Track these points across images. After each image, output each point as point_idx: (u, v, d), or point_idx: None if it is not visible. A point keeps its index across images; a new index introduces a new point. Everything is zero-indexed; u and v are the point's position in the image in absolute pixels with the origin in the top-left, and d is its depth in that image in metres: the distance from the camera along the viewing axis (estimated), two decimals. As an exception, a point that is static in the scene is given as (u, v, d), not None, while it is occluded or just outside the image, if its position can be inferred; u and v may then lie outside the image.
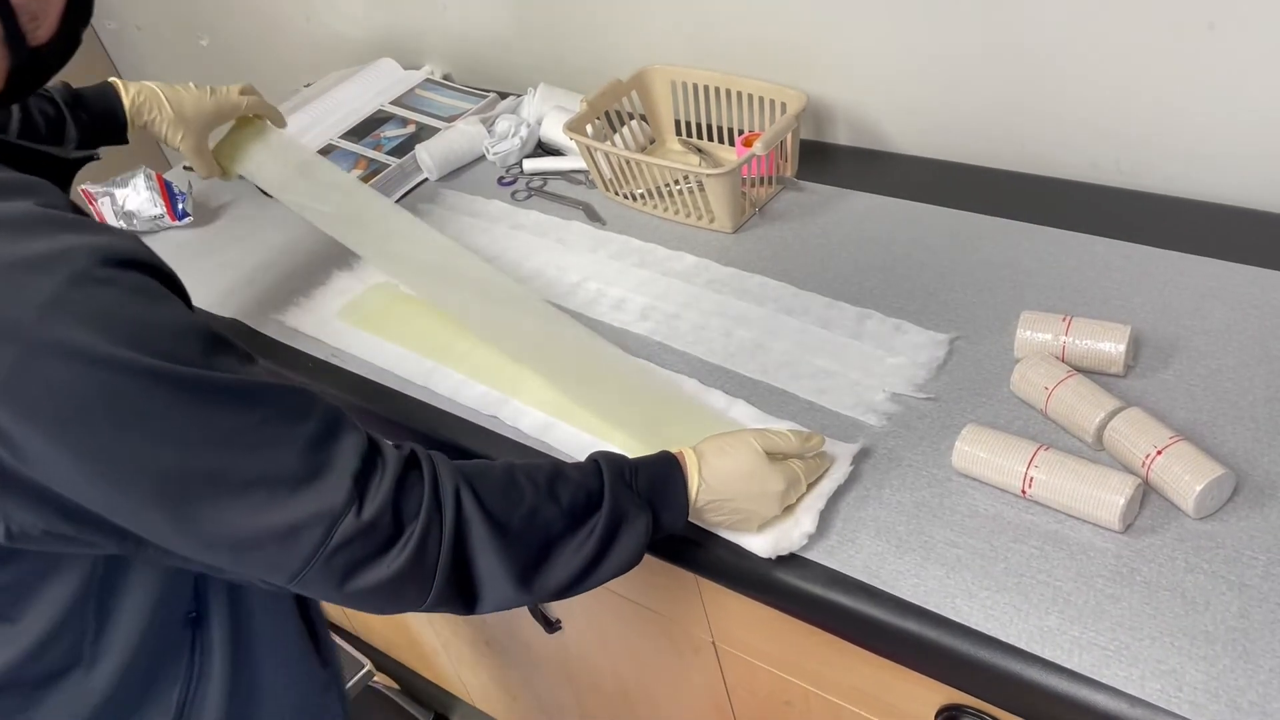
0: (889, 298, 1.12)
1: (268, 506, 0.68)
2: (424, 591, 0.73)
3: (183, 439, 0.66)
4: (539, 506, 0.77)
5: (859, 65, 1.34)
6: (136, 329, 0.65)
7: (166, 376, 0.65)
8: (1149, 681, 0.73)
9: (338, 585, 0.71)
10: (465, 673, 1.72)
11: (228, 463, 0.67)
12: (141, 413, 0.64)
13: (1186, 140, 1.14)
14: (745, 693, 1.13)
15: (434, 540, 0.72)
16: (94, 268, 0.64)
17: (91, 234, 0.67)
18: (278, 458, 0.69)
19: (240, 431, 0.68)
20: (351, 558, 0.70)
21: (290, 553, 0.69)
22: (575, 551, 0.78)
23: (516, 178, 1.50)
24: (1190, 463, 0.82)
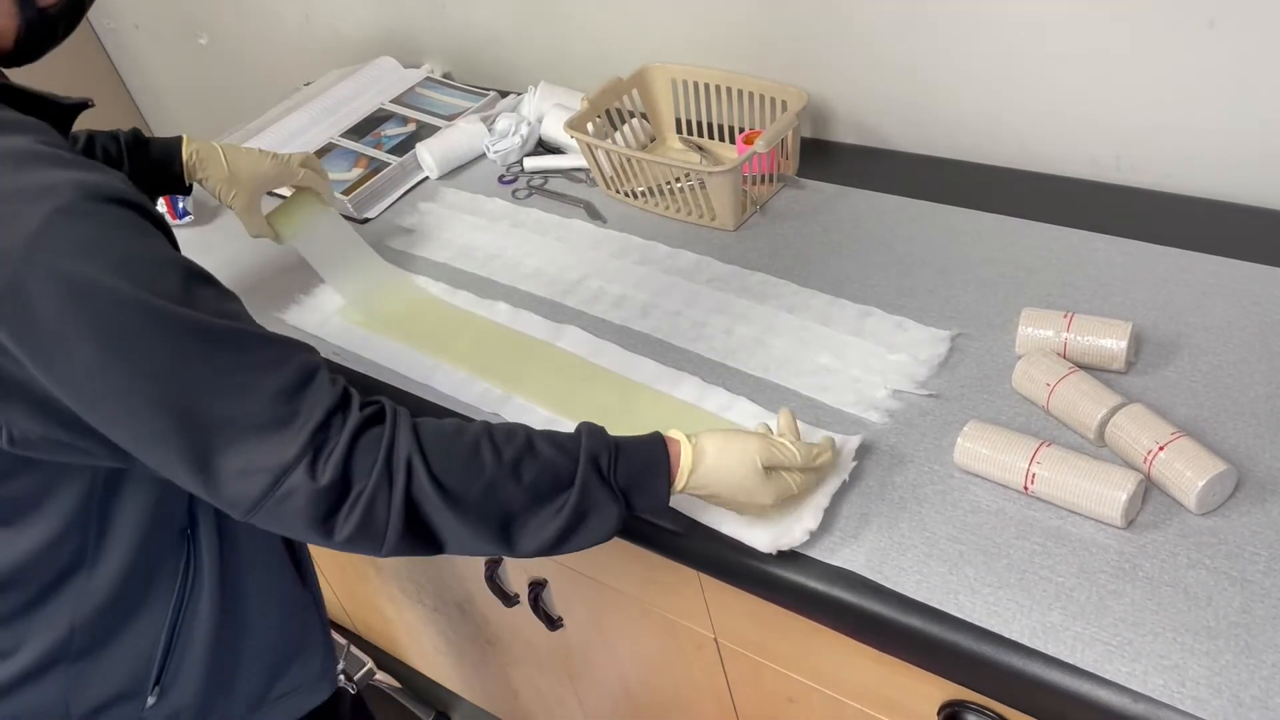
0: (890, 295, 1.12)
1: (227, 447, 0.72)
2: (376, 548, 0.76)
3: (155, 372, 0.70)
4: (498, 482, 0.77)
5: (859, 63, 1.34)
6: (118, 259, 0.69)
7: (145, 307, 0.69)
8: (1151, 677, 0.74)
9: (292, 530, 0.75)
10: (467, 670, 1.72)
11: (195, 400, 0.71)
12: (119, 340, 0.69)
13: (1186, 137, 1.14)
14: (747, 689, 1.13)
15: (382, 506, 0.74)
16: (80, 201, 0.69)
17: (81, 170, 0.71)
18: (243, 404, 0.72)
19: (212, 374, 0.72)
20: (298, 509, 0.73)
21: (242, 492, 0.73)
22: (539, 527, 0.79)
23: (517, 176, 1.51)
24: (1192, 459, 0.82)
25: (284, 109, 1.77)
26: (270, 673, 1.00)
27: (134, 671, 0.91)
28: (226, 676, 0.96)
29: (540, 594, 1.28)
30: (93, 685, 0.89)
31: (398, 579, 1.60)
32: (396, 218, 1.47)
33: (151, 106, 2.74)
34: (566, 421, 1.06)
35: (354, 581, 1.75)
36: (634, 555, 1.03)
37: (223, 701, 0.97)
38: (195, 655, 0.92)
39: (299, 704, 1.03)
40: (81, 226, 0.69)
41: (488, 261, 1.34)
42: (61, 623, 0.86)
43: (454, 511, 0.76)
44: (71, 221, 0.68)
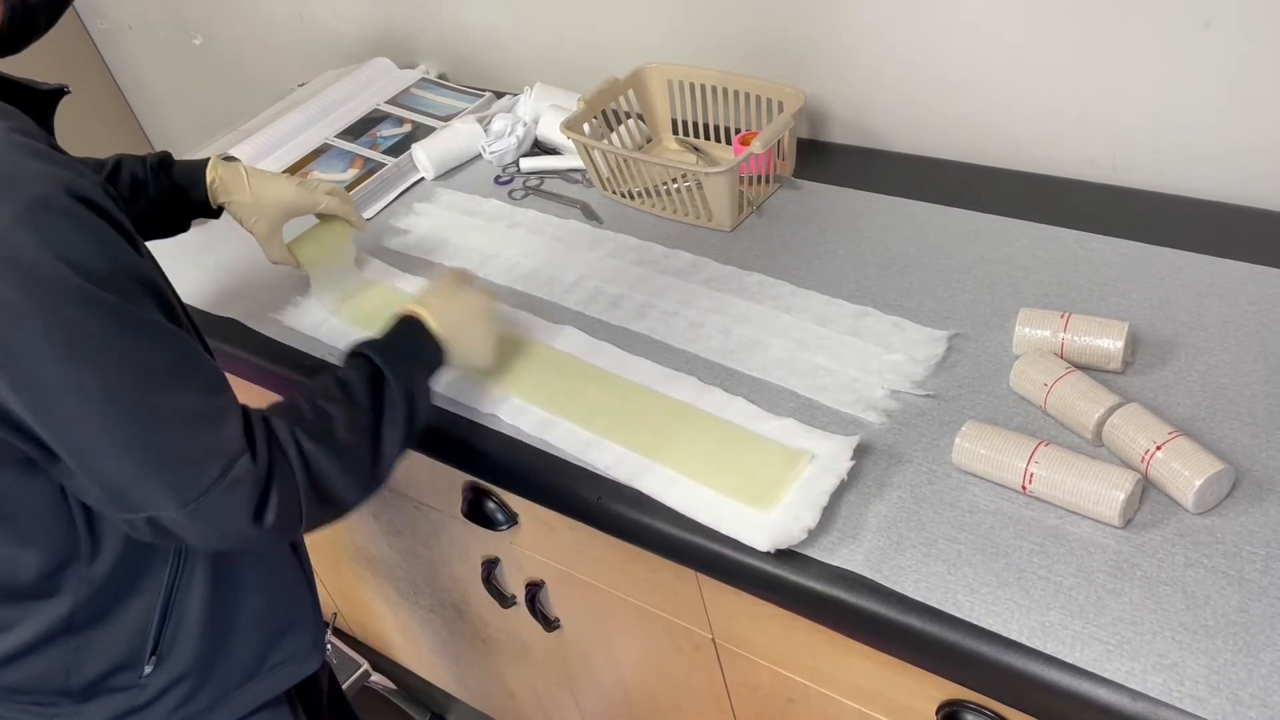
0: (887, 295, 1.12)
1: (178, 436, 0.76)
2: (297, 525, 0.83)
3: (109, 365, 0.73)
4: (353, 416, 0.88)
5: (855, 64, 1.34)
6: (85, 258, 0.71)
7: (102, 305, 0.72)
8: (1150, 675, 0.74)
9: (224, 523, 0.79)
10: (464, 672, 1.72)
11: (146, 393, 0.74)
12: (80, 334, 0.71)
13: (1183, 138, 1.15)
14: (746, 690, 1.13)
15: (293, 483, 0.82)
16: (57, 196, 0.70)
17: (57, 166, 0.72)
18: (187, 396, 0.77)
19: (158, 367, 0.75)
20: (243, 496, 0.78)
21: (190, 482, 0.76)
22: (393, 427, 0.90)
23: (513, 177, 1.50)
24: (1189, 458, 0.83)
25: (279, 110, 1.76)
26: (264, 643, 1.02)
27: (131, 642, 0.93)
28: (222, 647, 0.98)
29: (537, 595, 1.28)
30: (92, 655, 0.92)
31: (394, 581, 1.60)
32: (392, 219, 1.47)
33: (145, 107, 2.74)
34: (565, 423, 1.06)
35: (351, 583, 1.75)
36: (632, 555, 1.03)
37: (219, 671, 0.99)
38: (190, 626, 0.95)
39: (292, 673, 1.05)
40: (55, 224, 0.70)
41: (484, 262, 1.33)
42: (64, 604, 0.89)
43: (339, 462, 0.85)
44: (47, 217, 0.69)
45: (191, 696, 0.98)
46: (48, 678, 0.92)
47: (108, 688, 0.94)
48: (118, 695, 0.95)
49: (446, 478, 1.21)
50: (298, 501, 0.82)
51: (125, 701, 0.95)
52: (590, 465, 1.02)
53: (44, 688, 0.93)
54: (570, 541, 1.14)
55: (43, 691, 0.93)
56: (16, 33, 0.83)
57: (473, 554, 1.33)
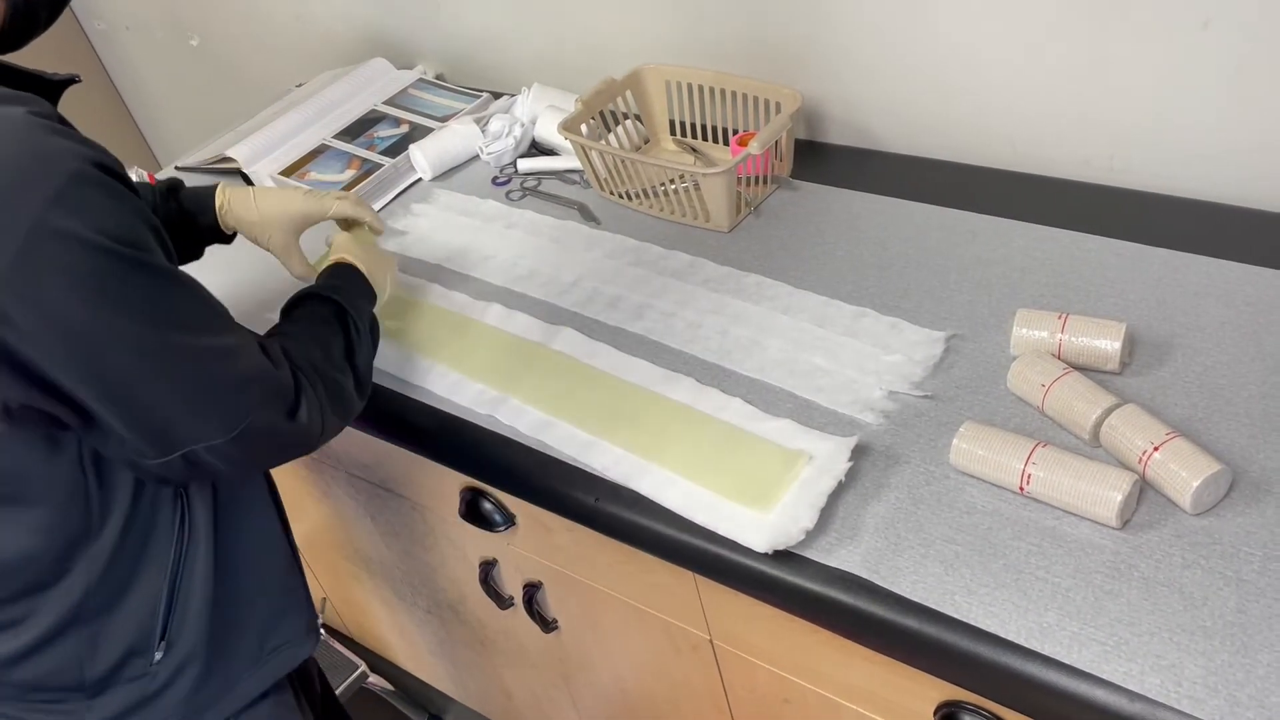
0: (885, 296, 1.12)
1: (222, 368, 0.83)
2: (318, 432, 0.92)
3: (154, 317, 0.79)
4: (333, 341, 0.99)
5: (853, 65, 1.34)
6: (119, 223, 0.77)
7: (141, 263, 0.78)
8: (1148, 676, 0.74)
9: (266, 434, 0.86)
10: (461, 673, 1.72)
11: (186, 336, 0.81)
12: (125, 291, 0.77)
13: (1180, 138, 1.15)
14: (743, 691, 1.13)
15: (312, 391, 0.91)
16: (89, 169, 0.76)
17: (80, 142, 0.78)
18: (219, 333, 0.84)
19: (193, 311, 0.83)
20: (276, 413, 0.87)
21: (234, 408, 0.84)
22: (363, 348, 1.02)
23: (511, 177, 1.50)
24: (1186, 459, 0.83)
25: (276, 110, 1.76)
26: (265, 626, 1.04)
27: (141, 626, 0.94)
28: (226, 630, 1.00)
29: (535, 596, 1.27)
30: (105, 644, 0.93)
31: (391, 582, 1.60)
32: (390, 219, 1.47)
33: (142, 108, 2.73)
34: (563, 424, 1.06)
35: (348, 584, 1.75)
36: (629, 556, 1.03)
37: (225, 656, 1.00)
38: (196, 608, 0.97)
39: (290, 657, 1.06)
40: (91, 194, 0.75)
41: (481, 263, 1.33)
42: (76, 589, 0.90)
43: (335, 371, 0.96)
44: (84, 189, 0.75)
45: (201, 684, 0.99)
46: (62, 672, 0.93)
47: (119, 679, 0.95)
48: (129, 686, 0.95)
49: (444, 479, 1.21)
50: (320, 405, 0.91)
51: (136, 692, 0.96)
52: (588, 466, 1.02)
53: (58, 683, 0.93)
54: (568, 542, 1.14)
55: (56, 688, 0.94)
56: (18, 29, 0.85)
57: (470, 555, 1.33)
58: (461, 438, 1.10)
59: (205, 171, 1.70)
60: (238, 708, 1.02)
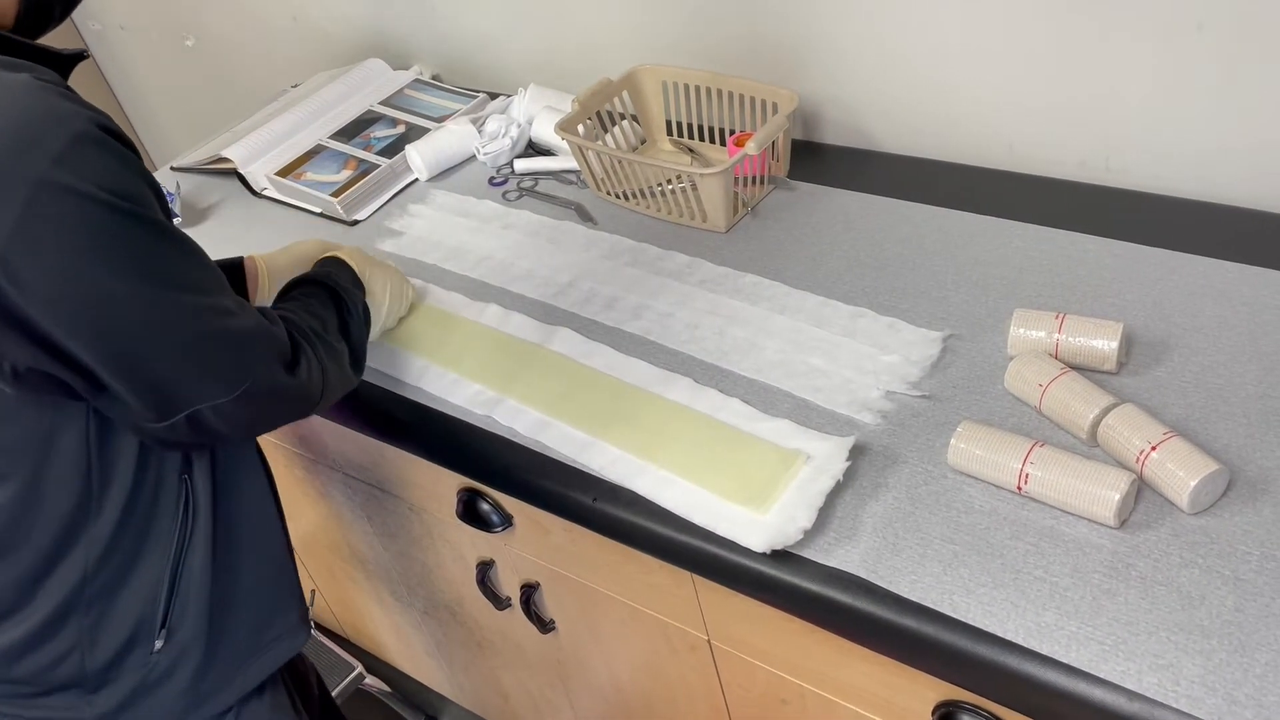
0: (882, 296, 1.12)
1: (219, 324, 0.84)
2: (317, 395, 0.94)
3: (160, 275, 0.80)
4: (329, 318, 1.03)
5: (849, 65, 1.34)
6: (122, 182, 0.78)
7: (146, 220, 0.79)
8: (1146, 676, 0.74)
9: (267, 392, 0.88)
10: (458, 674, 1.71)
11: (191, 295, 0.82)
12: (127, 245, 0.78)
13: (1175, 139, 1.15)
14: (741, 691, 1.13)
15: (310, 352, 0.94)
16: (93, 129, 0.77)
17: (84, 106, 0.79)
18: (220, 294, 0.86)
19: (193, 269, 0.84)
20: (279, 369, 0.89)
21: (238, 365, 0.86)
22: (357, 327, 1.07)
23: (507, 178, 1.50)
24: (1184, 458, 0.83)
25: (272, 111, 1.76)
26: (262, 616, 1.04)
27: (142, 614, 0.95)
28: (226, 617, 1.00)
29: (532, 596, 1.27)
30: (105, 633, 0.93)
31: (388, 583, 1.60)
32: (386, 220, 1.47)
33: (138, 109, 2.73)
34: (560, 424, 1.06)
35: (345, 585, 1.74)
36: (627, 557, 1.03)
37: (224, 646, 1.00)
38: (196, 596, 0.97)
39: (284, 649, 1.07)
40: (96, 154, 0.76)
41: (478, 264, 1.33)
42: (75, 572, 0.90)
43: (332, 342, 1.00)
44: (89, 148, 0.76)
45: (202, 674, 0.99)
46: (62, 664, 0.93)
47: (120, 670, 0.95)
48: (129, 677, 0.96)
49: (441, 479, 1.21)
50: (319, 364, 0.94)
51: (137, 683, 0.96)
52: (585, 466, 1.02)
53: (59, 679, 0.93)
54: (565, 543, 1.14)
55: (57, 685, 0.94)
56: (31, 21, 0.87)
57: (467, 556, 1.33)
58: (458, 438, 1.10)
59: (201, 172, 1.69)
60: (236, 699, 1.02)
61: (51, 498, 0.87)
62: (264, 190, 1.61)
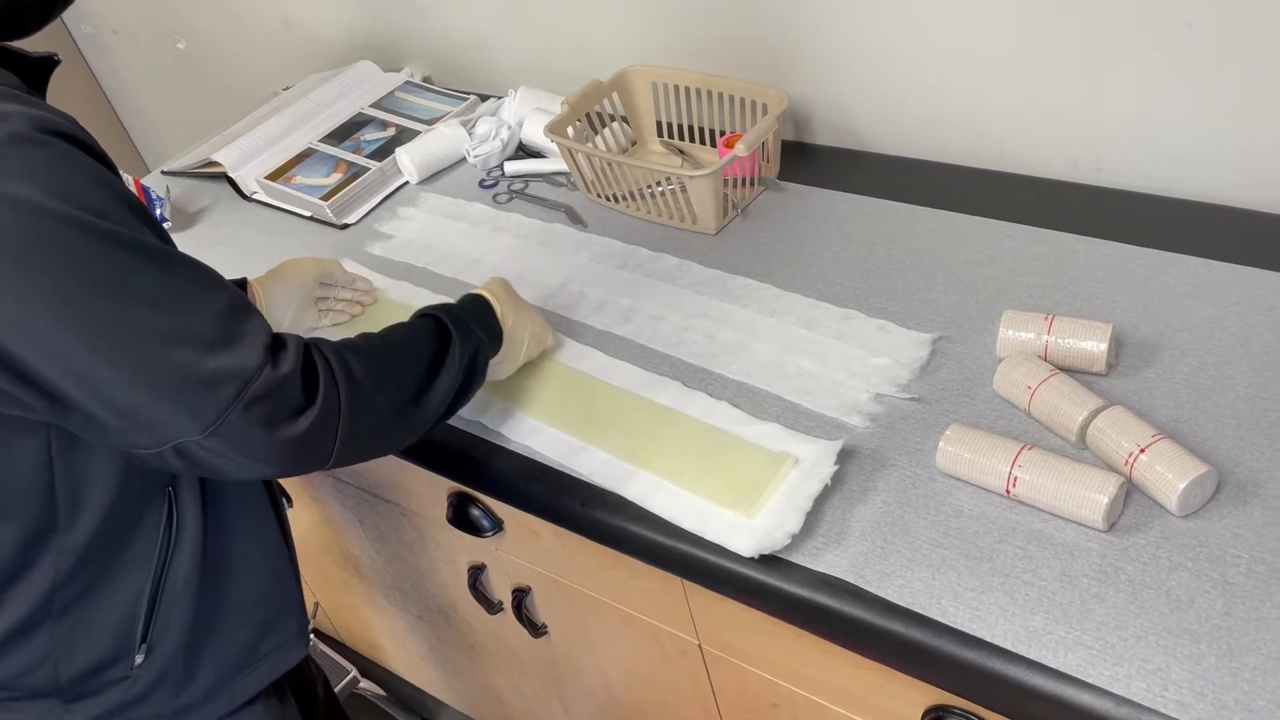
0: (872, 298, 1.12)
1: (189, 358, 0.74)
2: (328, 450, 0.82)
3: (110, 288, 0.71)
4: (407, 357, 0.90)
5: (839, 66, 1.34)
6: (69, 187, 0.71)
7: (99, 232, 0.71)
8: (1135, 680, 0.74)
9: (249, 438, 0.77)
10: (452, 678, 1.71)
11: (153, 316, 0.73)
12: (74, 261, 0.70)
13: (1166, 139, 1.15)
14: (732, 695, 1.13)
15: (332, 401, 0.81)
16: (31, 130, 0.70)
17: (32, 106, 0.73)
18: (196, 318, 0.75)
19: (164, 291, 0.74)
20: (264, 413, 0.77)
21: (208, 402, 0.74)
22: (446, 379, 0.92)
23: (498, 180, 1.50)
24: (1173, 461, 0.82)
25: (263, 114, 1.75)
26: (254, 632, 1.01)
27: (120, 630, 0.92)
28: (212, 635, 0.97)
29: (524, 601, 1.27)
30: (80, 646, 0.91)
31: (381, 587, 1.59)
32: (376, 223, 1.47)
33: (129, 111, 2.72)
34: (549, 429, 1.05)
35: (338, 589, 1.74)
36: (617, 561, 1.03)
37: (212, 660, 0.98)
38: (181, 611, 0.94)
39: (280, 663, 1.04)
40: (32, 155, 0.70)
41: (469, 266, 1.33)
42: (43, 582, 0.87)
43: (379, 398, 0.85)
44: (22, 149, 0.69)
45: (185, 687, 0.96)
46: (35, 671, 0.90)
47: (99, 682, 0.93)
48: (109, 690, 0.93)
49: (431, 484, 1.21)
50: (335, 417, 0.81)
51: (116, 697, 0.93)
52: (574, 471, 1.01)
53: (32, 685, 0.91)
54: (555, 548, 1.14)
55: (31, 691, 0.91)
56: (8, 20, 0.82)
57: (459, 560, 1.33)
58: (448, 443, 1.09)
59: (191, 176, 1.69)
60: (225, 712, 1.01)
61: (11, 515, 0.83)
62: (254, 194, 1.60)
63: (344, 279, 1.27)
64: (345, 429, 0.82)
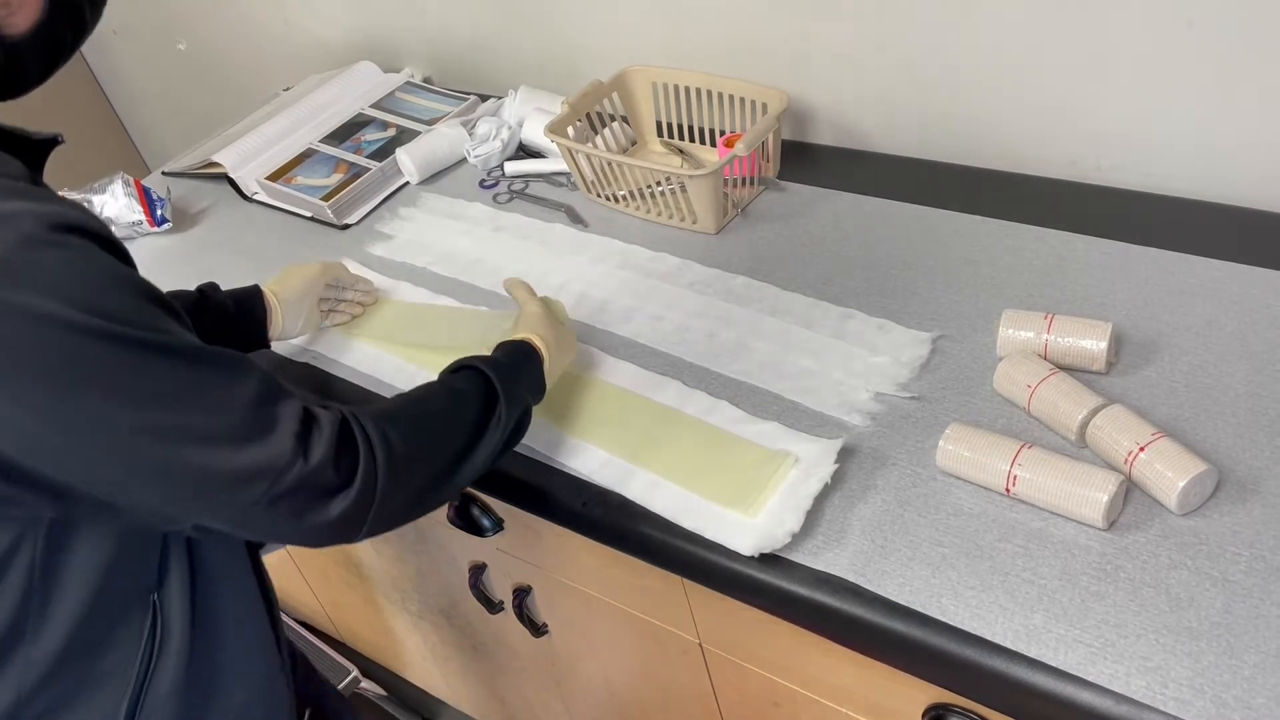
0: (871, 297, 1.12)
1: (214, 459, 0.71)
2: (358, 529, 0.78)
3: (131, 396, 0.68)
4: (452, 428, 0.87)
5: (839, 65, 1.34)
6: (85, 291, 0.67)
7: (116, 337, 0.67)
8: (1134, 678, 0.74)
9: (279, 528, 0.75)
10: (452, 677, 1.71)
11: (175, 419, 0.70)
12: (92, 371, 0.67)
13: (1165, 138, 1.15)
14: (733, 694, 1.13)
15: (369, 483, 0.77)
16: (43, 231, 0.66)
17: (41, 201, 0.68)
18: (223, 415, 0.72)
19: (186, 390, 0.71)
20: (293, 506, 0.74)
21: (233, 503, 0.72)
22: (487, 448, 0.88)
23: (498, 180, 1.50)
24: (1173, 459, 0.83)
25: (263, 114, 1.76)
26: None
27: None
28: None
29: (524, 600, 1.27)
30: None
31: (382, 586, 1.59)
32: (377, 223, 1.47)
33: (130, 112, 2.72)
34: (550, 427, 1.05)
35: (339, 589, 1.74)
36: (617, 561, 1.03)
37: None
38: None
39: None
40: (46, 258, 0.66)
41: (469, 266, 1.33)
42: (5, 696, 0.79)
43: (421, 470, 0.82)
44: (35, 252, 0.65)
45: None
46: None
47: None
48: None
49: (432, 484, 1.21)
50: (369, 499, 0.77)
51: None
52: (575, 470, 1.01)
53: None
54: (556, 547, 1.14)
55: None
56: (3, 80, 0.78)
57: (460, 560, 1.33)
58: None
59: (192, 177, 1.69)
60: None
61: None
62: (255, 195, 1.60)
63: (348, 280, 1.27)
64: (379, 508, 0.78)
